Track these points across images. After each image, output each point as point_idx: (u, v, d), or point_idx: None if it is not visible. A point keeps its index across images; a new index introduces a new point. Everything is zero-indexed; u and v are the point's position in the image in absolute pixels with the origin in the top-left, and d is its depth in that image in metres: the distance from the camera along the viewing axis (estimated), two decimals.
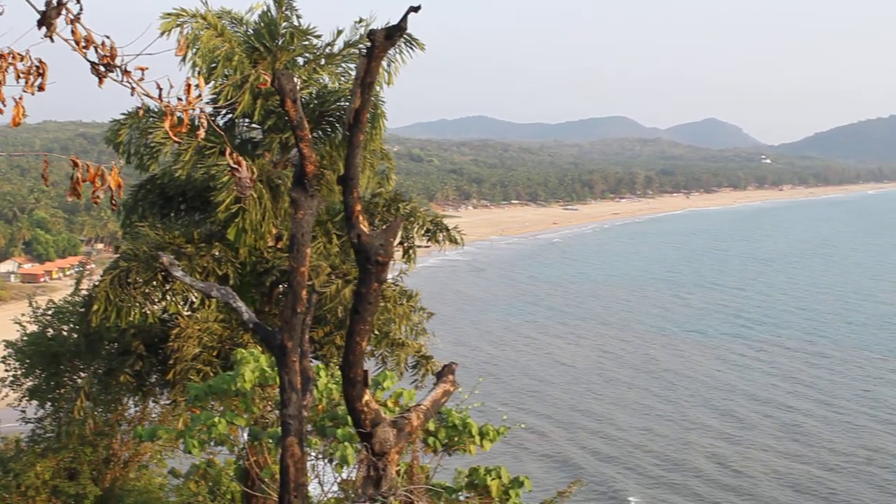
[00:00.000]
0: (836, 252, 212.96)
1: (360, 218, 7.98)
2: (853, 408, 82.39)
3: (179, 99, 6.30)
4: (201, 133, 6.66)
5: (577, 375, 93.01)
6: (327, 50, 24.62)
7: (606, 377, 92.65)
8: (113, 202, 6.33)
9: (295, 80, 7.94)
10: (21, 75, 5.87)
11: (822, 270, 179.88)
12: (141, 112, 22.27)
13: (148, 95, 6.19)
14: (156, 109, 21.65)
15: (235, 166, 7.15)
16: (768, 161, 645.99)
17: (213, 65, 22.70)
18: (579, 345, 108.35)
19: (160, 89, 6.10)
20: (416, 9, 7.20)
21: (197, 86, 6.39)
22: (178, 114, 6.38)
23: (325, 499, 13.06)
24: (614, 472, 65.90)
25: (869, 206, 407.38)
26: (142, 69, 6.07)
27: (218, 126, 23.99)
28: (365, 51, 7.70)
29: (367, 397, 8.65)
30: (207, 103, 21.70)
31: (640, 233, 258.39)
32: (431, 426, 12.96)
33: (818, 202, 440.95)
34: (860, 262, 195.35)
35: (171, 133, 6.53)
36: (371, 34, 7.49)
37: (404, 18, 7.28)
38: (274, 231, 23.27)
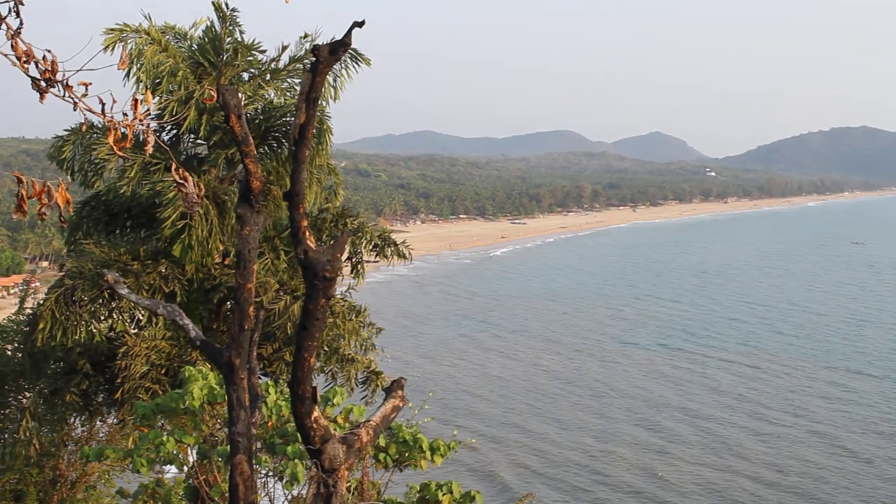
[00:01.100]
0: (773, 263, 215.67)
1: (307, 234, 7.94)
2: (782, 418, 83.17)
3: (125, 114, 6.23)
4: (149, 148, 6.60)
5: (510, 389, 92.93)
6: (273, 65, 24.55)
7: (539, 391, 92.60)
8: (62, 218, 6.25)
9: (240, 95, 7.90)
10: None
11: (758, 282, 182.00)
12: (84, 128, 22.09)
13: (91, 111, 6.12)
14: (100, 125, 21.46)
15: (182, 182, 7.09)
16: (713, 174, 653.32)
17: (158, 80, 22.53)
18: (515, 358, 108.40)
19: (103, 104, 6.03)
20: (360, 24, 7.20)
21: (143, 101, 6.33)
22: (123, 129, 6.31)
23: None
24: (544, 487, 65.77)
25: (809, 218, 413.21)
26: (85, 84, 5.99)
27: (163, 142, 23.82)
28: (309, 66, 7.67)
29: (315, 414, 8.59)
30: (153, 119, 21.58)
31: (584, 246, 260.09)
32: (382, 442, 12.92)
33: (761, 214, 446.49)
34: (797, 273, 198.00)
35: (115, 148, 6.45)
36: (315, 49, 7.47)
37: (348, 34, 7.27)
38: (221, 247, 23.11)
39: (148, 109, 6.35)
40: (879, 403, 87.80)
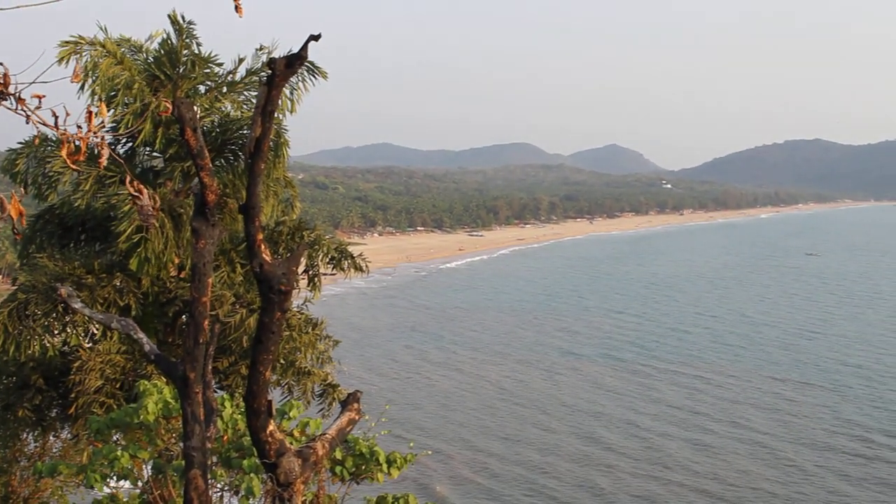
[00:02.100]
0: (724, 275, 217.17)
1: (262, 247, 7.94)
2: (725, 430, 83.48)
3: (78, 127, 6.20)
4: (103, 161, 6.57)
5: (456, 403, 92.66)
6: (229, 78, 24.47)
7: (485, 404, 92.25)
8: (15, 231, 6.21)
9: (195, 108, 7.89)
10: None
11: (708, 293, 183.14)
12: (37, 140, 21.91)
13: (44, 124, 6.08)
14: (54, 138, 21.28)
15: (136, 195, 7.06)
16: (669, 186, 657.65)
17: (113, 93, 22.38)
18: (463, 371, 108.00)
19: (56, 117, 6.00)
20: (316, 37, 7.21)
21: (98, 113, 6.30)
22: (76, 142, 6.28)
23: None
24: (485, 501, 65.62)
25: (764, 230, 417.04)
26: (38, 97, 5.95)
27: (118, 155, 23.67)
28: (265, 79, 7.67)
29: (271, 427, 8.58)
30: (108, 131, 21.43)
31: (539, 258, 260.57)
32: (339, 455, 12.89)
33: (716, 226, 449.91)
34: (747, 284, 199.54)
35: (69, 161, 6.41)
36: (271, 62, 7.48)
37: (304, 47, 7.29)
38: (177, 261, 22.97)
39: (102, 122, 6.32)
40: (823, 416, 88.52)
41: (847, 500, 66.33)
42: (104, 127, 6.37)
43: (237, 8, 6.71)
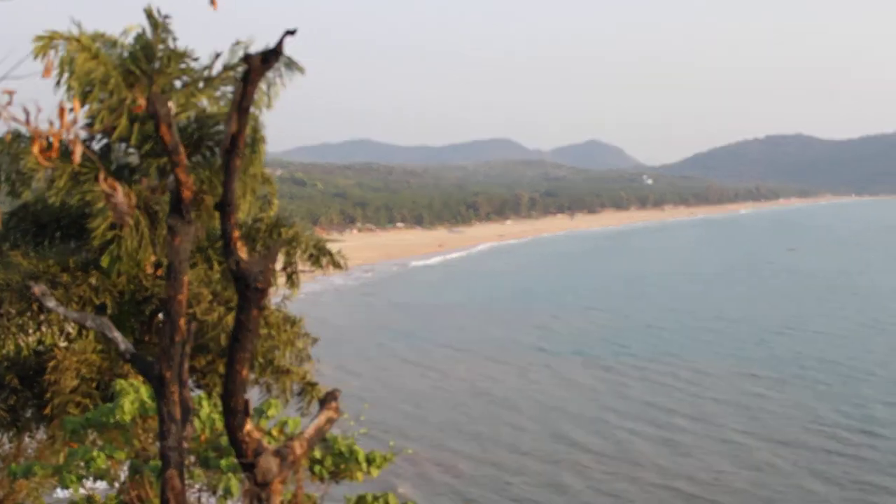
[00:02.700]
0: (702, 270, 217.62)
1: (239, 244, 7.83)
2: (693, 427, 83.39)
3: (50, 123, 6.09)
4: (77, 158, 6.45)
5: (427, 402, 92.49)
6: (206, 73, 24.30)
7: (451, 402, 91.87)
8: None
9: (170, 104, 7.76)
10: None
11: (684, 289, 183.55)
12: (9, 137, 21.70)
13: (15, 120, 5.97)
14: (28, 135, 21.07)
15: (110, 192, 6.95)
16: (650, 181, 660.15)
17: (89, 88, 22.19)
18: (432, 368, 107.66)
19: (28, 114, 5.89)
20: (291, 32, 7.11)
21: (71, 109, 6.19)
22: (49, 138, 6.17)
23: None
24: (442, 500, 65.57)
25: (744, 225, 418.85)
26: (9, 93, 5.85)
27: (93, 151, 23.49)
28: (241, 75, 7.57)
29: (248, 427, 8.47)
30: (82, 128, 21.24)
31: (519, 254, 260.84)
32: (318, 454, 12.82)
33: (697, 221, 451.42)
34: (726, 280, 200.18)
35: (40, 158, 6.30)
36: (247, 58, 7.36)
37: (280, 42, 7.18)
38: (153, 258, 22.82)
39: (75, 118, 6.21)
40: (793, 412, 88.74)
41: (819, 497, 66.63)
42: (77, 123, 6.26)
43: (212, 1, 6.62)
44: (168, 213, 8.40)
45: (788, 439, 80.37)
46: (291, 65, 23.23)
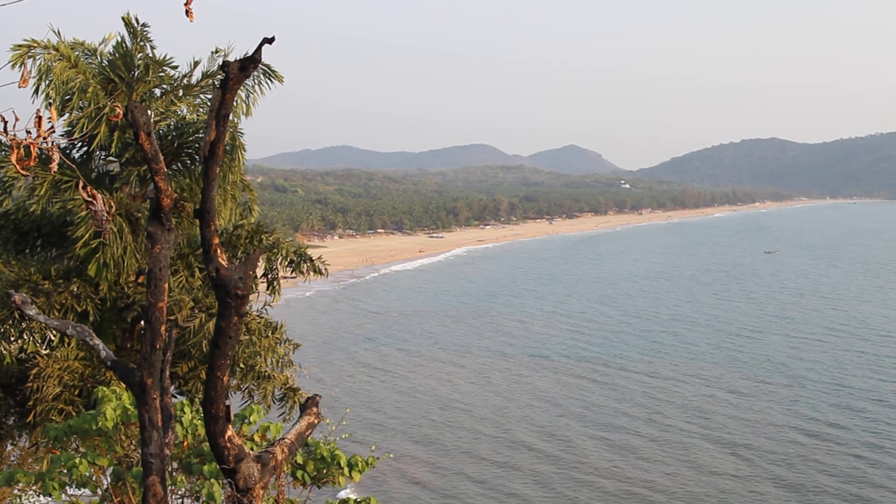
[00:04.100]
0: (681, 273, 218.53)
1: (218, 251, 7.89)
2: (682, 426, 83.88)
3: (28, 132, 6.14)
4: (54, 166, 6.51)
5: (412, 405, 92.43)
6: (185, 81, 24.30)
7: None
8: None
9: (149, 112, 7.83)
10: None
11: (665, 291, 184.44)
12: None
13: None
14: (7, 143, 21.03)
15: (90, 200, 7.00)
16: (627, 186, 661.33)
17: (68, 97, 22.17)
18: (422, 374, 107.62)
19: (5, 122, 5.95)
20: (270, 40, 7.19)
21: (49, 118, 6.24)
22: (27, 147, 6.22)
23: None
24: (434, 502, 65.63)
25: (722, 228, 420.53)
26: None
27: (73, 159, 23.46)
28: (220, 82, 7.63)
29: (229, 433, 8.53)
30: (62, 136, 21.17)
31: (498, 259, 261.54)
32: (300, 459, 12.85)
33: (674, 225, 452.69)
34: (705, 282, 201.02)
35: (18, 167, 6.36)
36: (225, 66, 7.44)
37: (258, 50, 7.25)
38: (135, 265, 22.80)
39: (52, 126, 6.26)
40: (775, 410, 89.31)
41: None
42: (54, 131, 6.32)
43: (188, 13, 6.68)
44: (148, 220, 8.45)
45: (773, 435, 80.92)
46: (270, 73, 23.26)
